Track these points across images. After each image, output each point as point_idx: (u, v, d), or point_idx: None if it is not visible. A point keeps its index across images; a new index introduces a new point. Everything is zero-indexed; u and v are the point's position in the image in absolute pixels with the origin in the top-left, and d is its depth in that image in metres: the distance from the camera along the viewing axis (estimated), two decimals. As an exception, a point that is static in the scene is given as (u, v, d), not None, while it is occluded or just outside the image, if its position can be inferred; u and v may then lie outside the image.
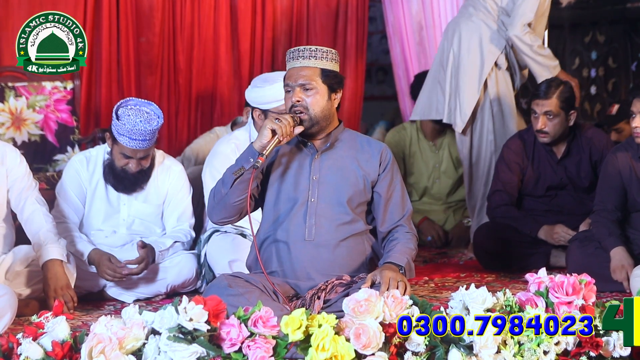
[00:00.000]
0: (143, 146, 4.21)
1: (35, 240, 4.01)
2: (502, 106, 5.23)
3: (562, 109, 4.78)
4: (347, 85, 6.26)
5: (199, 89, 5.86)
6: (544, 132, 4.80)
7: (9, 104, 5.03)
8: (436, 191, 5.89)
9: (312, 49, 3.46)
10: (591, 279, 3.02)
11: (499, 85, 5.21)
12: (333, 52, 3.49)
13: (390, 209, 3.55)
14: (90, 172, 4.40)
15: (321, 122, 3.46)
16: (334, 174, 3.47)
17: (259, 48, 6.00)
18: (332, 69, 3.47)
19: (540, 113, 4.79)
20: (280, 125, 3.34)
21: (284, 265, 3.48)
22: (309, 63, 3.44)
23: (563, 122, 4.81)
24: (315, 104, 3.44)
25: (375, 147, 3.56)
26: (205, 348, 2.67)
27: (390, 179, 3.54)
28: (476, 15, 5.19)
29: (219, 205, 3.45)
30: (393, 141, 5.91)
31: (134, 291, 4.33)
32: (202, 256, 4.39)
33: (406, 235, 3.53)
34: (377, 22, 8.22)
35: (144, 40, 5.69)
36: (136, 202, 4.42)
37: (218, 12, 5.88)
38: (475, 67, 5.16)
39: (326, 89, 3.45)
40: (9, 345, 2.75)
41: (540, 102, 4.79)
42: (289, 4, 6.07)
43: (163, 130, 5.75)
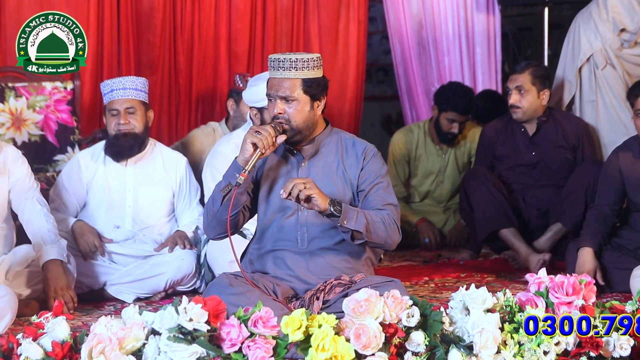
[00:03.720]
0: (126, 95, 4.38)
1: (35, 241, 4.02)
2: None
3: (533, 84, 4.96)
4: (348, 86, 6.25)
5: (199, 89, 5.86)
6: (517, 106, 4.99)
7: (9, 104, 5.02)
8: (438, 194, 5.88)
9: (292, 59, 3.39)
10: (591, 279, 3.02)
11: None
12: (314, 59, 3.42)
13: (370, 198, 3.46)
14: (94, 161, 4.51)
15: (304, 131, 3.45)
16: (320, 181, 3.44)
17: (259, 48, 6.00)
18: (315, 76, 3.41)
19: (512, 88, 4.99)
20: (260, 138, 3.32)
21: (281, 272, 3.49)
22: (289, 74, 3.39)
23: (535, 99, 4.98)
24: (297, 115, 3.41)
25: (359, 149, 3.52)
26: (205, 348, 2.67)
27: (372, 176, 3.48)
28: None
29: (212, 222, 3.46)
30: (400, 142, 5.89)
31: (133, 287, 4.33)
32: (202, 256, 4.39)
33: (379, 211, 3.41)
34: (377, 22, 8.21)
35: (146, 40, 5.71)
36: (142, 189, 4.46)
37: (218, 13, 5.87)
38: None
39: (308, 99, 3.42)
40: (9, 346, 2.75)
41: (514, 77, 5.01)
42: (289, 4, 6.06)
43: (163, 130, 5.75)
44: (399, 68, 6.42)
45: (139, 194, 4.48)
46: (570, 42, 5.39)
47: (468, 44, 6.35)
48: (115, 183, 4.48)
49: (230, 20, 5.93)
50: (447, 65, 6.33)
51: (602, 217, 4.45)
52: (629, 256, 4.35)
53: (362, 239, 3.35)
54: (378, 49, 8.52)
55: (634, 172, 4.38)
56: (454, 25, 6.32)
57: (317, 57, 3.43)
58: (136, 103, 4.42)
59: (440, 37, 6.31)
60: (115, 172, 4.49)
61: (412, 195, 5.92)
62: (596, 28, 5.23)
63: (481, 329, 2.83)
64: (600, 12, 5.23)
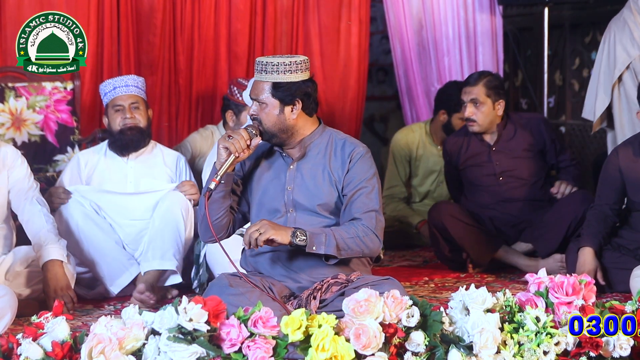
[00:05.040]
0: (129, 91, 4.49)
1: (35, 241, 4.02)
2: None
3: (488, 96, 4.87)
4: (349, 86, 6.24)
5: (199, 89, 5.86)
6: (472, 120, 4.91)
7: (9, 104, 5.02)
8: (438, 194, 5.87)
9: (264, 62, 3.41)
10: (591, 279, 3.02)
11: None
12: (285, 62, 3.40)
13: (352, 205, 3.45)
14: (96, 156, 4.59)
15: (278, 134, 3.45)
16: (307, 183, 3.46)
17: (259, 48, 6.00)
18: (286, 80, 3.40)
19: (467, 101, 4.91)
20: (232, 142, 3.35)
21: (274, 273, 3.50)
22: (260, 77, 3.43)
23: (490, 110, 4.89)
24: (266, 119, 3.43)
25: (347, 150, 3.50)
26: (205, 348, 2.68)
27: (355, 180, 3.46)
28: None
29: (202, 226, 3.50)
30: (401, 142, 5.88)
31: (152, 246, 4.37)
32: (202, 256, 4.40)
33: (352, 223, 3.41)
34: (377, 22, 8.20)
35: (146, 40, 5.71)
36: (144, 181, 4.54)
37: (218, 13, 5.87)
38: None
39: (277, 102, 3.42)
40: (8, 346, 2.75)
41: (467, 90, 4.91)
42: (289, 4, 6.06)
43: (163, 130, 5.75)
44: (399, 68, 6.42)
45: (140, 186, 4.52)
46: (605, 51, 5.15)
47: (468, 44, 6.34)
48: (117, 176, 4.53)
49: (230, 20, 5.92)
50: (447, 66, 6.32)
51: (602, 217, 4.45)
52: (629, 256, 4.35)
53: (337, 259, 3.37)
54: (378, 49, 8.52)
55: (634, 171, 4.38)
56: (454, 25, 6.31)
57: (290, 61, 3.41)
58: (139, 99, 4.54)
59: (440, 37, 6.30)
60: (116, 166, 4.56)
61: (412, 195, 5.91)
62: (631, 34, 5.03)
63: (481, 329, 2.83)
64: (635, 17, 5.04)
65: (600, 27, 6.28)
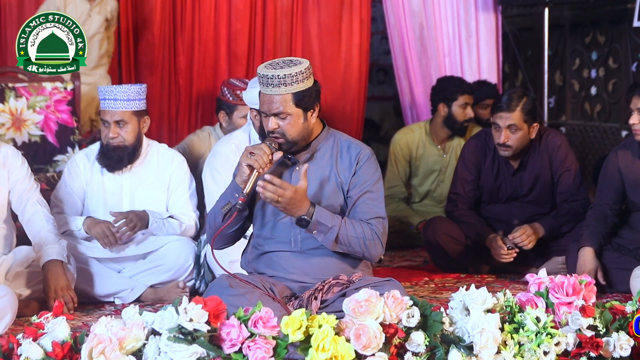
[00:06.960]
0: (116, 107, 4.31)
1: (35, 241, 4.02)
2: None
3: (525, 122, 4.64)
4: (350, 87, 6.25)
5: (199, 89, 5.87)
6: (507, 145, 4.66)
7: (9, 104, 5.02)
8: (438, 194, 5.87)
9: (280, 76, 3.32)
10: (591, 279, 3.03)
11: None
12: (302, 71, 3.36)
13: (357, 207, 3.46)
14: (90, 164, 4.48)
15: (300, 142, 3.44)
16: (312, 185, 3.45)
17: (259, 48, 6.00)
18: (304, 88, 3.37)
19: (503, 126, 4.62)
20: (255, 159, 3.33)
21: (276, 273, 3.50)
22: (279, 91, 3.34)
23: (525, 135, 4.67)
24: (291, 129, 3.40)
25: (353, 153, 3.50)
26: (206, 349, 2.68)
27: (361, 183, 3.46)
28: None
29: (217, 237, 3.48)
30: (402, 142, 5.88)
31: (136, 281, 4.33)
32: (202, 257, 4.39)
33: (364, 224, 3.41)
34: (377, 23, 8.21)
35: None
36: (138, 192, 4.45)
37: (218, 13, 5.88)
38: None
39: (300, 111, 3.39)
40: (9, 346, 2.75)
41: (505, 115, 4.61)
42: (289, 4, 6.06)
43: (163, 130, 5.75)
44: (399, 68, 6.42)
45: (135, 198, 4.46)
46: None
47: (468, 44, 6.35)
48: (112, 187, 4.46)
49: (230, 20, 5.93)
50: (447, 66, 6.33)
51: (602, 217, 4.45)
52: (629, 256, 4.35)
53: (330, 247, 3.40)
54: (378, 49, 8.53)
55: (633, 172, 4.38)
56: (454, 25, 6.32)
57: (305, 68, 3.38)
58: (127, 115, 4.35)
59: (440, 37, 6.31)
60: (111, 177, 4.46)
61: (412, 195, 5.91)
62: None
63: (481, 329, 2.83)
64: None
65: (600, 27, 6.29)
